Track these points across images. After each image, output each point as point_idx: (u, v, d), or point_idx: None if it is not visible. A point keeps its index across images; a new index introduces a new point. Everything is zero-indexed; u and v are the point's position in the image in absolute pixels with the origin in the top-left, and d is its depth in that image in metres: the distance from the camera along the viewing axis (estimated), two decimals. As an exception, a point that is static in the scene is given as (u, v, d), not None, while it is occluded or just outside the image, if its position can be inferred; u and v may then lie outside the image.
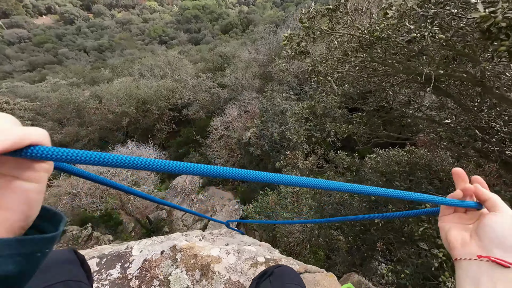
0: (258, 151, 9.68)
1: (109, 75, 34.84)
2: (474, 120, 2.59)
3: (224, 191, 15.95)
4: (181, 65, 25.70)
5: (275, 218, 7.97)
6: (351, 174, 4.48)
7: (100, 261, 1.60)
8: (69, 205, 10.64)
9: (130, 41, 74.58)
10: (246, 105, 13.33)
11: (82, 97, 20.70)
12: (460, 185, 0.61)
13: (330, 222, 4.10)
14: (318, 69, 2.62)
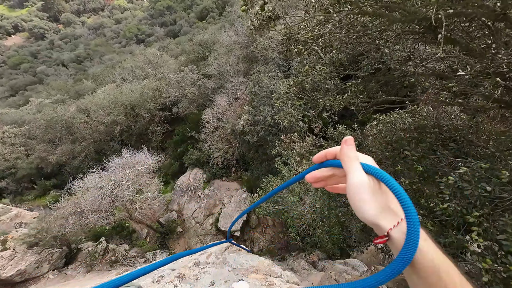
0: (254, 138, 9.30)
1: (92, 85, 33.77)
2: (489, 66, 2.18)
3: (229, 182, 15.82)
4: (162, 62, 24.64)
5: (282, 204, 7.76)
6: (354, 149, 4.12)
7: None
8: (77, 224, 10.51)
9: (107, 46, 71.70)
10: (234, 91, 12.75)
11: (68, 113, 20.07)
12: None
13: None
14: (296, 36, 2.17)
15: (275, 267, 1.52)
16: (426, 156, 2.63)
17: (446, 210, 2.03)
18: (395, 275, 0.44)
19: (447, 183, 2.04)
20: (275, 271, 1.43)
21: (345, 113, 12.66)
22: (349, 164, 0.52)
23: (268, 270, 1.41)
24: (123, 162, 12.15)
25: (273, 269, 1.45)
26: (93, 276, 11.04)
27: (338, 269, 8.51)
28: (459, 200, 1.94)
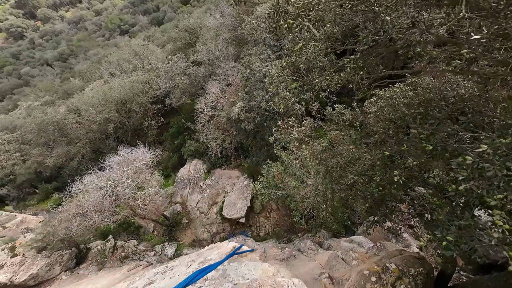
0: (250, 125, 9.04)
1: (80, 83, 32.73)
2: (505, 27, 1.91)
3: (230, 170, 15.76)
4: (149, 53, 23.65)
5: (284, 189, 7.68)
6: (355, 131, 3.90)
7: None
8: (82, 225, 10.51)
9: (90, 40, 68.74)
10: (226, 77, 12.27)
11: (59, 115, 19.54)
12: None
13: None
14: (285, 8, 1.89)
15: (280, 277, 1.38)
16: (435, 133, 2.43)
17: (460, 191, 1.87)
18: None
19: (463, 163, 1.86)
20: (281, 283, 1.29)
21: (342, 91, 12.30)
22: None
23: (273, 283, 1.27)
24: (120, 160, 11.94)
25: (278, 281, 1.31)
26: (105, 273, 11.26)
27: (344, 247, 8.64)
28: (478, 181, 1.77)
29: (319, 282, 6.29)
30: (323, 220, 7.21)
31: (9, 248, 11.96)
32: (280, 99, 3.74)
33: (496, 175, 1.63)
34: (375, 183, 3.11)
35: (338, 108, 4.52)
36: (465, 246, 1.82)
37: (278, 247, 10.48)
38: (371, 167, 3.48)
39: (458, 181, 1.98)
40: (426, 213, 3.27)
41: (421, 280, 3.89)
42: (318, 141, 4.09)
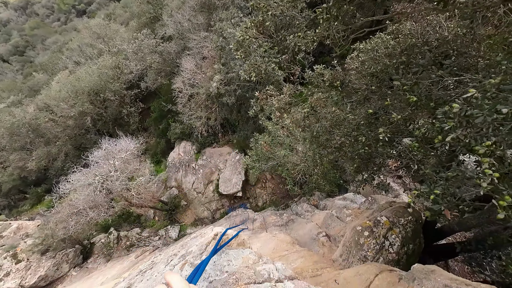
0: (232, 98, 8.62)
1: (45, 77, 30.11)
2: None
3: (220, 148, 15.59)
4: (112, 33, 21.50)
5: (274, 159, 7.64)
6: (337, 91, 3.66)
7: None
8: (79, 223, 10.43)
9: (45, 27, 61.69)
10: (200, 50, 11.37)
11: (29, 115, 18.18)
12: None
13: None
14: None
15: (261, 264, 1.27)
16: (419, 82, 2.25)
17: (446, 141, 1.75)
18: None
19: (450, 112, 1.71)
20: (260, 272, 1.18)
21: (323, 50, 11.74)
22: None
23: (251, 275, 1.16)
24: (105, 153, 11.47)
25: (258, 270, 1.20)
26: (114, 263, 11.57)
27: (338, 205, 9.01)
28: (466, 130, 1.64)
29: (317, 241, 6.62)
30: (315, 183, 7.32)
31: (11, 256, 11.95)
32: (250, 66, 3.39)
33: (485, 121, 1.51)
34: (361, 143, 3.00)
35: (318, 69, 4.23)
36: (453, 199, 1.78)
37: (277, 214, 10.87)
38: (356, 127, 3.34)
39: (444, 131, 1.86)
40: (413, 165, 3.25)
41: (411, 228, 4.06)
42: (299, 107, 3.89)
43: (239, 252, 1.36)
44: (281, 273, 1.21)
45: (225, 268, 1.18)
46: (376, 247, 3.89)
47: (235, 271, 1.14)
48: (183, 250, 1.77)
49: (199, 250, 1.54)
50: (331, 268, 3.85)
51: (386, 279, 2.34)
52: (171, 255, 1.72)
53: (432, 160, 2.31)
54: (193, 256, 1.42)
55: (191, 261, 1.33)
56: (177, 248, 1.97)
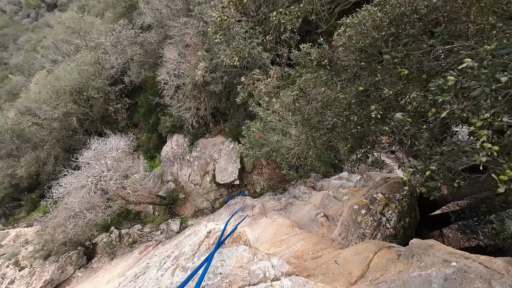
0: (219, 86, 8.34)
1: (22, 79, 28.67)
2: None
3: (213, 138, 15.40)
4: (88, 26, 20.30)
5: (268, 145, 7.56)
6: (325, 70, 3.49)
7: None
8: (78, 225, 10.35)
9: (15, 25, 57.86)
10: (181, 38, 10.84)
11: (10, 120, 17.44)
12: None
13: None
14: None
15: (256, 261, 1.20)
16: (409, 54, 2.12)
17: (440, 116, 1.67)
18: None
19: (445, 84, 1.61)
20: (255, 272, 1.12)
21: (309, 28, 11.34)
22: None
23: (246, 276, 1.09)
24: (95, 154, 11.18)
25: (253, 270, 1.13)
26: (118, 261, 11.66)
27: (334, 185, 9.12)
28: (462, 103, 1.55)
29: (316, 222, 6.73)
30: (310, 166, 7.31)
31: (13, 264, 11.90)
32: (232, 50, 3.17)
33: (483, 92, 1.41)
34: (353, 123, 2.91)
35: (304, 48, 4.03)
36: (448, 174, 1.73)
37: (275, 198, 10.99)
38: (348, 107, 3.24)
39: (438, 104, 1.77)
40: (406, 140, 3.20)
41: (406, 202, 4.11)
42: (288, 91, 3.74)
43: (232, 250, 1.29)
44: (278, 269, 1.15)
45: (218, 270, 1.11)
46: (373, 224, 3.94)
47: (228, 273, 1.07)
48: (177, 251, 1.70)
49: (191, 251, 1.47)
50: (331, 248, 3.91)
51: (385, 256, 2.36)
52: (165, 257, 1.65)
53: (425, 134, 2.25)
54: (185, 258, 1.34)
55: (183, 264, 1.26)
56: (171, 248, 1.90)
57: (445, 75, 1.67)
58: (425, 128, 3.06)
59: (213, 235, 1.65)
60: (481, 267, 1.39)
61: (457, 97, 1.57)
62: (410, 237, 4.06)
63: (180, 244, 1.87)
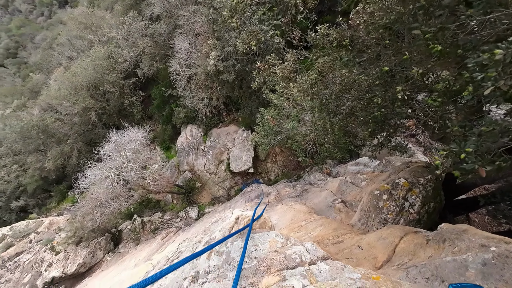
0: (232, 75, 8.24)
1: (42, 77, 29.87)
2: None
3: (226, 127, 15.48)
4: (98, 20, 20.51)
5: (283, 132, 7.49)
6: (346, 51, 3.31)
7: None
8: (104, 214, 11.01)
9: (31, 24, 59.60)
10: (191, 27, 10.71)
11: (35, 117, 18.38)
12: None
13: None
14: None
15: (290, 246, 1.21)
16: (444, 28, 1.94)
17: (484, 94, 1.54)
18: None
19: (492, 59, 1.47)
20: (291, 256, 1.13)
21: (322, 8, 10.80)
22: None
23: (282, 260, 1.11)
24: (115, 146, 11.64)
25: (289, 254, 1.14)
26: (143, 246, 12.38)
27: (351, 171, 8.97)
28: (510, 79, 1.41)
29: (333, 208, 6.71)
30: (326, 152, 7.20)
31: (49, 248, 12.97)
32: (248, 34, 3.07)
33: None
34: (377, 106, 2.78)
35: (322, 29, 3.84)
36: (487, 155, 1.62)
37: (290, 185, 11.03)
38: (369, 89, 3.09)
39: (475, 81, 1.64)
40: (433, 123, 3.04)
41: (431, 186, 3.97)
42: (305, 75, 3.61)
43: (264, 235, 1.31)
44: (313, 254, 1.16)
45: (252, 254, 1.13)
46: (396, 209, 3.86)
47: (264, 257, 1.09)
48: (207, 236, 1.75)
49: (222, 236, 1.51)
50: (352, 233, 3.89)
51: (413, 241, 2.32)
52: (195, 242, 1.71)
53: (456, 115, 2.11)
54: (218, 239, 1.39)
55: (217, 249, 1.30)
56: (200, 234, 1.98)
57: (484, 50, 1.53)
58: (454, 109, 2.88)
59: (241, 221, 1.68)
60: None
61: (505, 72, 1.43)
62: (435, 222, 3.95)
63: (208, 230, 1.92)
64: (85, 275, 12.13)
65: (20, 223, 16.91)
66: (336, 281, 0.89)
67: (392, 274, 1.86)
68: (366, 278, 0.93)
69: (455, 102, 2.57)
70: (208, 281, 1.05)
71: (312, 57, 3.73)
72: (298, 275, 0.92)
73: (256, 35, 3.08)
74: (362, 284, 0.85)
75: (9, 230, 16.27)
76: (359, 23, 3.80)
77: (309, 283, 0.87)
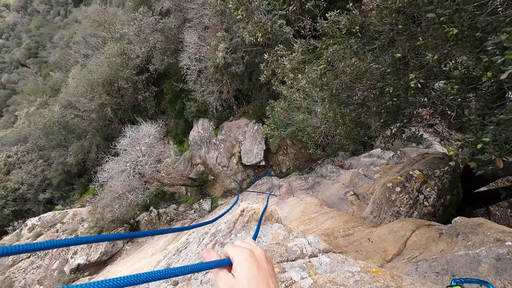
0: (241, 67, 8.18)
1: (61, 75, 31.13)
2: None
3: (237, 120, 15.54)
4: (111, 18, 20.90)
5: (293, 125, 7.41)
6: (356, 38, 3.15)
7: None
8: (122, 205, 11.55)
9: (49, 24, 61.84)
10: (200, 20, 10.67)
11: (56, 114, 19.31)
12: None
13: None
14: None
15: (291, 238, 1.22)
16: (461, 10, 1.79)
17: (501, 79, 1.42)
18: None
19: (510, 40, 1.34)
20: (293, 249, 1.13)
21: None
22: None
23: (283, 252, 1.12)
24: (130, 141, 12.05)
25: (290, 247, 1.15)
26: (159, 236, 12.94)
27: (364, 163, 8.76)
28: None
29: (345, 201, 6.62)
30: (338, 144, 7.06)
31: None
32: (254, 26, 3.00)
33: None
34: (389, 95, 2.67)
35: (332, 16, 3.69)
36: (506, 146, 1.51)
37: (301, 178, 10.97)
38: (381, 78, 2.96)
39: (496, 65, 1.52)
40: (451, 112, 2.88)
41: (448, 179, 3.81)
42: (315, 65, 3.51)
43: (267, 228, 1.32)
44: (314, 246, 1.16)
45: (254, 246, 1.16)
46: (409, 202, 3.75)
47: (265, 249, 1.11)
48: (213, 228, 1.79)
49: (227, 228, 1.54)
50: (363, 226, 3.84)
51: (425, 234, 2.24)
52: (203, 234, 1.76)
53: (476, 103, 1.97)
54: (222, 235, 1.42)
55: (221, 240, 1.34)
56: (208, 225, 2.03)
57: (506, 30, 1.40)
58: (474, 96, 2.72)
59: (246, 214, 1.70)
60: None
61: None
62: (451, 215, 3.80)
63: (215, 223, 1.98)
64: (107, 263, 12.87)
65: (47, 214, 18.14)
66: (335, 273, 0.89)
67: (401, 267, 1.82)
68: (365, 271, 0.92)
69: (474, 89, 2.42)
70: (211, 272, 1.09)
71: (321, 47, 3.61)
72: (297, 267, 0.93)
73: (262, 26, 3.01)
74: (360, 277, 0.85)
75: (38, 220, 17.51)
76: (372, 8, 3.62)
77: (308, 275, 0.88)
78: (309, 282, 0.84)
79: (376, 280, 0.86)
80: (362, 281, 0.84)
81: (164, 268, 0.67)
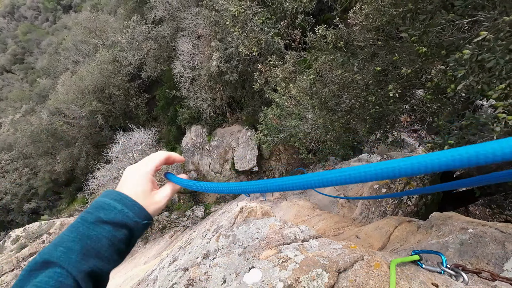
0: (234, 75, 8.43)
1: (49, 81, 30.56)
2: None
3: (230, 127, 15.72)
4: (103, 25, 20.92)
5: (285, 130, 7.67)
6: (341, 52, 3.47)
7: None
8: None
9: (36, 30, 60.82)
10: (194, 29, 10.94)
11: (44, 121, 18.91)
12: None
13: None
14: None
15: (287, 228, 1.41)
16: (427, 31, 2.10)
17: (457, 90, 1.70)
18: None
19: (461, 58, 1.63)
20: (287, 235, 1.32)
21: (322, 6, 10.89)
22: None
23: (280, 238, 1.30)
24: (122, 148, 11.99)
25: (285, 234, 1.34)
26: (152, 244, 12.74)
27: (354, 167, 9.10)
28: (478, 75, 1.57)
29: (336, 204, 6.87)
30: (329, 149, 7.37)
31: (62, 248, 13.40)
32: (250, 41, 3.24)
33: (497, 63, 1.43)
34: (371, 103, 2.95)
35: (320, 30, 4.00)
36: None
37: (294, 183, 11.19)
38: (365, 87, 3.25)
39: (458, 78, 1.80)
40: (428, 118, 3.19)
41: (428, 180, 4.11)
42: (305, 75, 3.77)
43: (265, 221, 1.50)
44: (306, 233, 1.35)
45: (255, 235, 1.33)
46: (394, 202, 4.02)
47: (264, 237, 1.29)
48: (215, 225, 1.96)
49: (229, 224, 1.71)
50: (352, 226, 4.07)
51: (406, 229, 2.48)
52: (205, 231, 1.91)
53: (445, 111, 2.25)
54: (225, 229, 1.59)
55: (224, 233, 1.51)
56: (209, 224, 2.18)
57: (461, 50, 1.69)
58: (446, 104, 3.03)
59: (245, 211, 1.88)
60: (497, 232, 1.48)
61: (473, 70, 1.59)
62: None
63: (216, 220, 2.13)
64: (97, 273, 12.51)
65: (32, 224, 17.44)
66: (322, 250, 1.08)
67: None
68: (346, 247, 1.12)
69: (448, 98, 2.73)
70: (218, 257, 1.25)
71: (310, 58, 3.90)
72: (291, 248, 1.11)
73: (257, 41, 3.27)
74: (342, 252, 1.05)
75: (23, 232, 16.80)
76: (355, 24, 3.95)
77: (300, 253, 1.06)
78: (301, 257, 1.03)
79: (353, 252, 1.06)
80: (343, 254, 1.04)
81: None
